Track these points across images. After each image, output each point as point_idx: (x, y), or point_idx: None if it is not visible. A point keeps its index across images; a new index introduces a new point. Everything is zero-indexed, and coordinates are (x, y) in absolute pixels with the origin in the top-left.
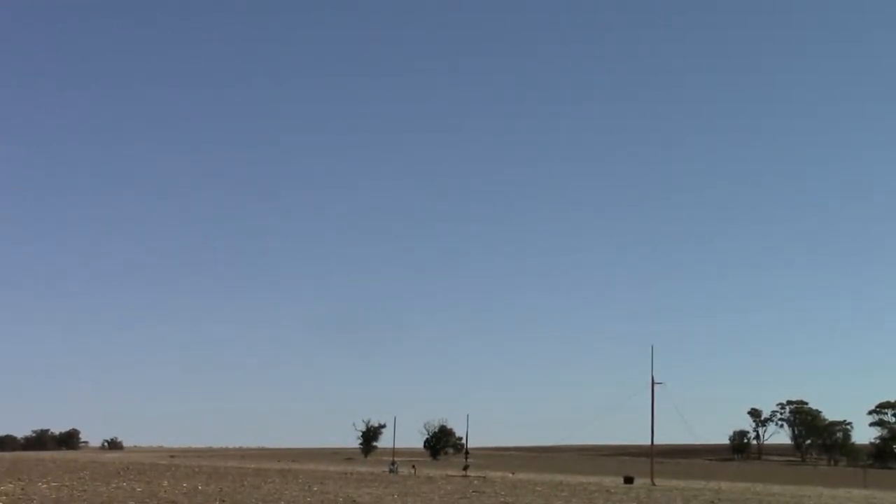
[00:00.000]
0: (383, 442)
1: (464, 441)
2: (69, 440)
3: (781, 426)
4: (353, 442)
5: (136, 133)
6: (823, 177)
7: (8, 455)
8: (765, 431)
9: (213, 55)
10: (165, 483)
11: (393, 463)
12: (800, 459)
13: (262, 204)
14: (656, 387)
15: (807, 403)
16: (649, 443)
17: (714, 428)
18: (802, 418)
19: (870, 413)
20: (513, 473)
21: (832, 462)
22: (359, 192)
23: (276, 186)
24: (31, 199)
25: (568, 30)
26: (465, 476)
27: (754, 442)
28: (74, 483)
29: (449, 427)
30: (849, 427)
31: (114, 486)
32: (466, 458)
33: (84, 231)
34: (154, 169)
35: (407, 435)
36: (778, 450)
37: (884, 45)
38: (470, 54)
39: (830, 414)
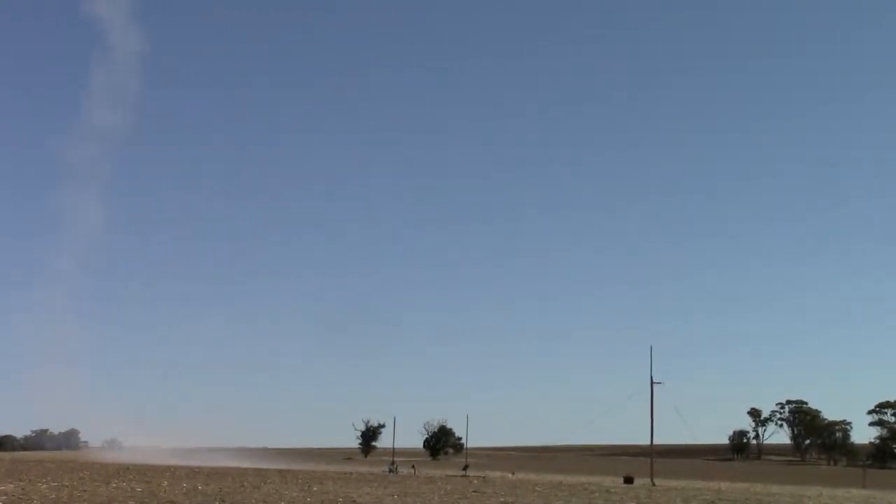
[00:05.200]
0: (383, 442)
1: (463, 441)
2: (69, 440)
3: (781, 426)
4: (353, 442)
5: (135, 132)
6: (823, 177)
7: (8, 455)
8: (764, 431)
9: (213, 55)
10: (165, 483)
11: (392, 463)
12: (799, 459)
13: (262, 204)
14: (656, 387)
15: (806, 403)
16: (649, 443)
17: (714, 428)
18: (802, 418)
19: (869, 413)
20: (512, 473)
21: (832, 462)
22: (359, 191)
23: (276, 186)
24: (31, 199)
25: (567, 29)
26: (465, 476)
27: (754, 442)
28: (74, 483)
29: (449, 427)
30: (848, 427)
31: (114, 486)
32: (466, 458)
33: (84, 230)
34: (153, 168)
35: (407, 435)
36: (777, 450)
37: (884, 45)
38: (470, 54)
39: (830, 414)
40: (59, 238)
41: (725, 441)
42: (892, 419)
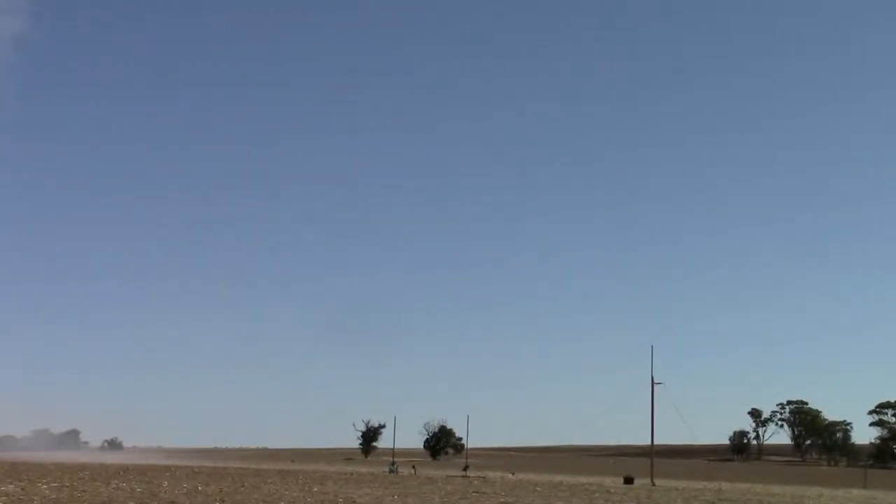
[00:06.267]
0: (383, 442)
1: (464, 441)
2: (69, 440)
3: (781, 426)
4: (353, 442)
5: (136, 133)
6: (823, 176)
7: (8, 455)
8: (765, 431)
9: (213, 55)
10: (165, 483)
11: (393, 463)
12: (800, 460)
13: (262, 204)
14: (656, 387)
15: (807, 403)
16: (649, 443)
17: (714, 428)
18: (802, 418)
19: (870, 413)
20: (513, 474)
21: (832, 462)
22: (359, 191)
23: (276, 186)
24: (32, 199)
25: (567, 29)
26: (465, 476)
27: (754, 442)
28: (74, 483)
29: (449, 427)
30: (849, 427)
31: (114, 486)
32: (467, 458)
33: (84, 231)
34: (154, 169)
35: (407, 435)
36: (778, 450)
37: (884, 45)
38: (470, 54)
39: (830, 414)
40: (59, 239)
41: (726, 441)
42: (893, 419)
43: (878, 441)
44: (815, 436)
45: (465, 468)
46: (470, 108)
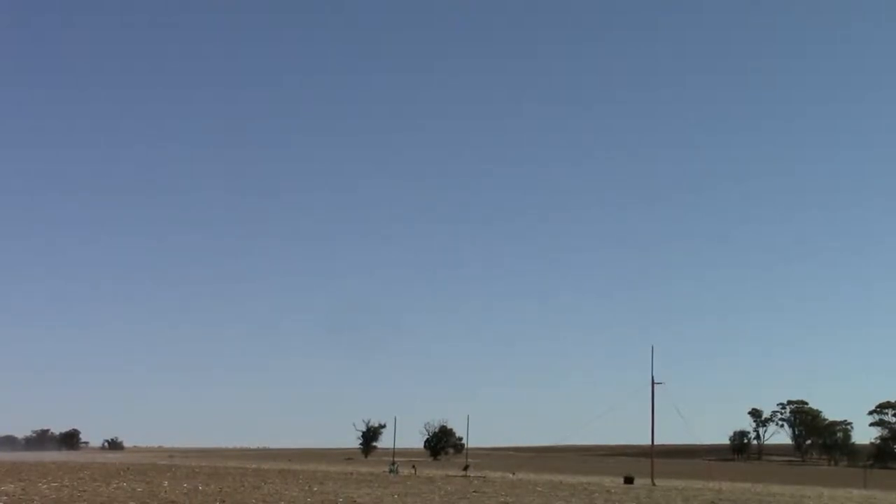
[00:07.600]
0: (383, 442)
1: (464, 441)
2: (70, 440)
3: (782, 426)
4: (354, 442)
5: (136, 133)
6: (823, 176)
7: (8, 455)
8: (765, 431)
9: (213, 55)
10: (166, 483)
11: (393, 463)
12: (800, 459)
13: (262, 204)
14: (656, 387)
15: (807, 403)
16: (649, 443)
17: (714, 428)
18: (803, 418)
19: (870, 413)
20: (513, 473)
21: (832, 462)
22: (359, 192)
23: (276, 186)
24: (32, 199)
25: (567, 29)
26: (466, 476)
27: (755, 442)
28: (75, 483)
29: (449, 427)
30: (849, 427)
31: (114, 486)
32: (467, 458)
33: (84, 231)
34: (154, 169)
35: (407, 435)
36: (778, 450)
37: (885, 45)
38: (470, 54)
39: (831, 414)
40: (59, 239)
41: (726, 441)
42: (893, 419)
43: (878, 441)
44: (815, 436)
45: (466, 468)
46: (470, 108)
